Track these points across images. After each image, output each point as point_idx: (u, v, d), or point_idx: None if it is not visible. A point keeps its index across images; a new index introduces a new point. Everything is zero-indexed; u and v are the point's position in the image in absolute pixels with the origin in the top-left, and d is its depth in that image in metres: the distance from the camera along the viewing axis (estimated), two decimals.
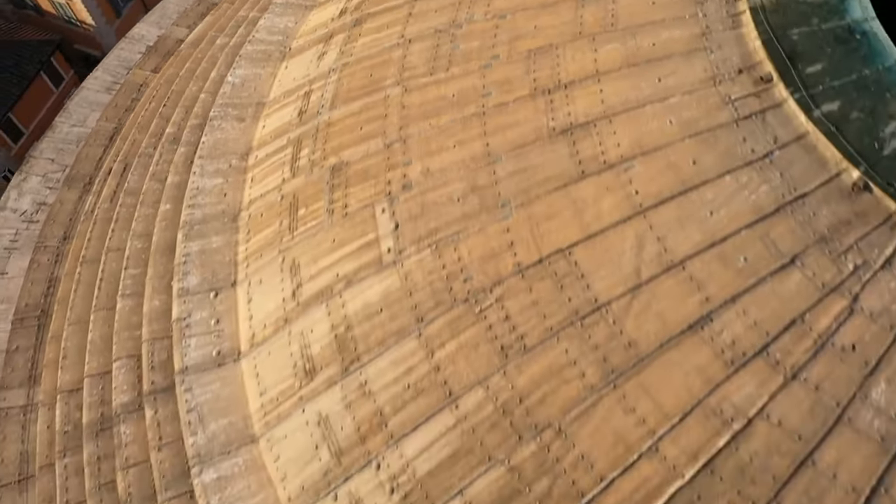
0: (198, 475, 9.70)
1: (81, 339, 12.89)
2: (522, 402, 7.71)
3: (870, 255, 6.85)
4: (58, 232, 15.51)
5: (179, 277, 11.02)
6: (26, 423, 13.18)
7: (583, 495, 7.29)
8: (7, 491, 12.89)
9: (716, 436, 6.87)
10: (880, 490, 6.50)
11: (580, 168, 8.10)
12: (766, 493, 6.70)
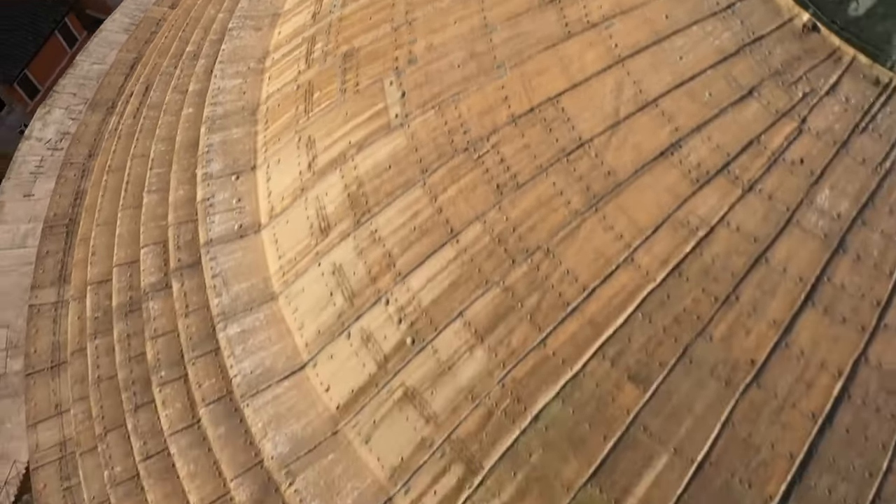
0: (223, 330, 10.74)
1: (109, 238, 13.92)
2: (515, 231, 8.75)
3: (816, 84, 7.89)
4: (83, 151, 16.55)
5: (203, 165, 12.05)
6: (57, 318, 14.25)
7: (568, 304, 8.34)
8: (41, 376, 13.95)
9: (683, 243, 7.92)
10: (823, 279, 7.55)
11: (567, 29, 9.13)
12: (726, 289, 7.75)
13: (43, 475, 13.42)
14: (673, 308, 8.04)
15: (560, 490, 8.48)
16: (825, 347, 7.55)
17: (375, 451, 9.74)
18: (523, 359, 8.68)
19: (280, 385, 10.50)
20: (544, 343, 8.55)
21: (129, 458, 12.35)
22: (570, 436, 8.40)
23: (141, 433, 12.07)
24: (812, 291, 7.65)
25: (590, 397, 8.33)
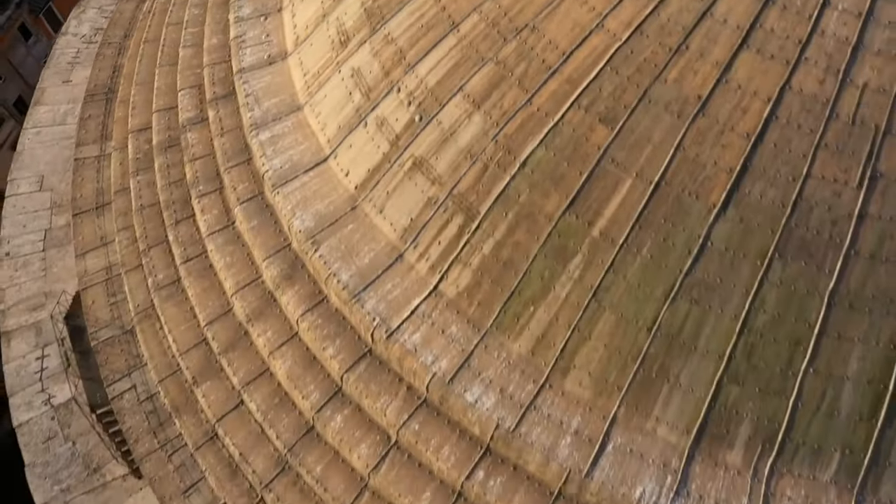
0: (255, 137, 12.53)
1: (147, 94, 15.67)
2: (506, 15, 10.50)
3: None
4: (119, 32, 18.26)
5: (234, 10, 13.79)
6: (100, 168, 16.01)
7: (550, 68, 10.10)
8: (86, 216, 15.73)
9: (644, 7, 9.65)
10: (756, 26, 9.27)
11: None
12: (678, 40, 9.50)
13: (91, 294, 15.18)
14: (635, 60, 9.77)
15: (543, 221, 10.23)
16: (757, 80, 9.29)
17: (388, 217, 11.49)
18: (513, 117, 10.42)
19: (306, 175, 12.25)
20: (530, 102, 10.28)
21: (170, 267, 14.11)
22: (551, 175, 10.14)
23: (181, 242, 13.82)
24: (747, 36, 9.38)
25: (568, 141, 10.07)
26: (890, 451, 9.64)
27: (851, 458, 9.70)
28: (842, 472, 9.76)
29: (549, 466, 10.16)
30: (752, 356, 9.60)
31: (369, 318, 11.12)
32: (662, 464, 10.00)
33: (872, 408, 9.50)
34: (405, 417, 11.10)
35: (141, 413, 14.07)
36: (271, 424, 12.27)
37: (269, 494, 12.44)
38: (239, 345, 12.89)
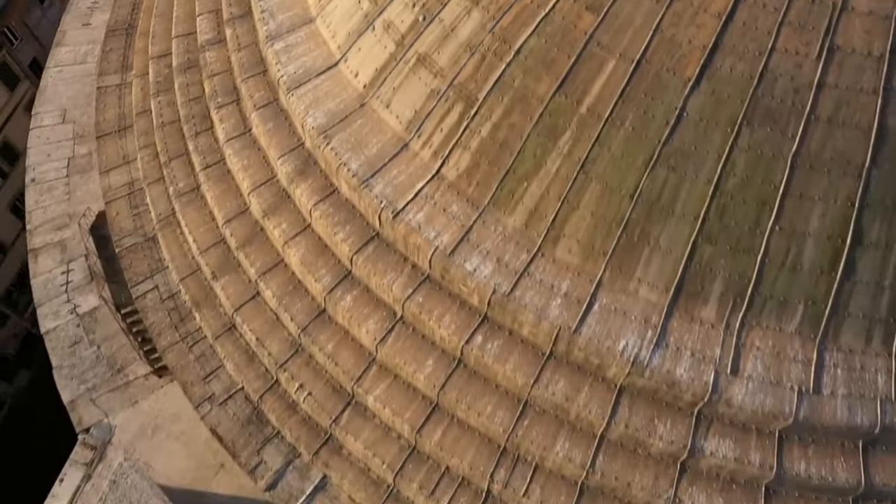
0: (270, 47, 13.58)
1: (166, 24, 16.71)
2: None
3: None
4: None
5: None
6: (121, 95, 17.09)
7: None
8: (109, 138, 16.82)
9: None
10: None
11: None
12: None
13: (115, 206, 16.23)
14: None
15: (535, 103, 11.28)
16: None
17: (394, 111, 12.54)
18: (508, 10, 11.48)
19: (318, 78, 13.29)
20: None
21: (190, 176, 15.16)
22: (543, 60, 11.18)
23: (201, 151, 14.87)
24: None
25: (557, 28, 11.12)
26: (849, 303, 10.69)
27: (814, 309, 10.74)
28: (805, 322, 10.81)
29: (540, 326, 11.20)
30: (723, 217, 10.64)
31: (377, 201, 12.15)
32: (643, 320, 11.05)
33: (832, 262, 10.54)
34: (410, 291, 12.15)
35: (163, 310, 15.11)
36: (286, 309, 13.31)
37: (283, 374, 13.50)
38: (255, 239, 13.94)
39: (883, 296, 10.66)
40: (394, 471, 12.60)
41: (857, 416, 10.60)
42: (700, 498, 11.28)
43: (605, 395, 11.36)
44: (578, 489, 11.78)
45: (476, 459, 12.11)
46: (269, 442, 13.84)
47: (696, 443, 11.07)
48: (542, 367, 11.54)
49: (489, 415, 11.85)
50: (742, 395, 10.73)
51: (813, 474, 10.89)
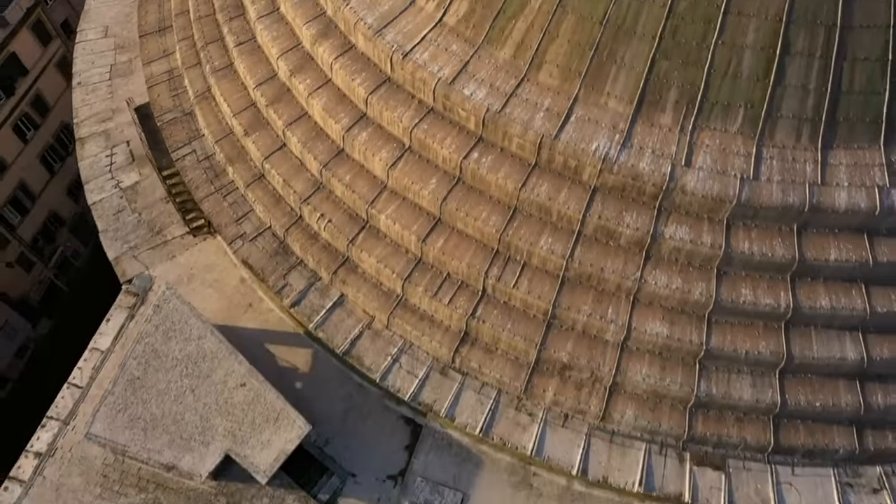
0: None
1: None
2: None
3: None
4: None
5: None
6: (161, 4, 19.23)
7: None
8: (150, 37, 19.23)
9: None
10: None
11: None
12: None
13: (157, 90, 18.53)
14: None
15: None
16: None
17: None
18: None
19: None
20: None
21: (224, 56, 17.50)
22: None
23: (234, 32, 17.22)
24: None
25: None
26: (781, 105, 12.89)
27: (752, 111, 12.94)
28: (746, 123, 13.00)
29: (526, 135, 13.39)
30: (676, 35, 12.87)
31: (389, 46, 14.42)
32: (612, 126, 13.24)
33: (765, 70, 12.76)
34: (416, 121, 14.36)
35: (200, 168, 17.30)
36: (309, 150, 15.52)
37: (306, 208, 15.65)
38: (283, 98, 16.19)
39: (809, 98, 12.85)
40: (402, 279, 14.68)
41: (789, 196, 12.73)
42: (662, 279, 13.35)
43: (581, 194, 13.50)
44: (560, 280, 13.85)
45: (473, 260, 14.21)
46: (293, 269, 15.93)
47: (658, 229, 13.18)
48: (528, 174, 13.70)
49: (484, 219, 13.98)
50: (694, 183, 12.87)
51: (755, 252, 12.98)
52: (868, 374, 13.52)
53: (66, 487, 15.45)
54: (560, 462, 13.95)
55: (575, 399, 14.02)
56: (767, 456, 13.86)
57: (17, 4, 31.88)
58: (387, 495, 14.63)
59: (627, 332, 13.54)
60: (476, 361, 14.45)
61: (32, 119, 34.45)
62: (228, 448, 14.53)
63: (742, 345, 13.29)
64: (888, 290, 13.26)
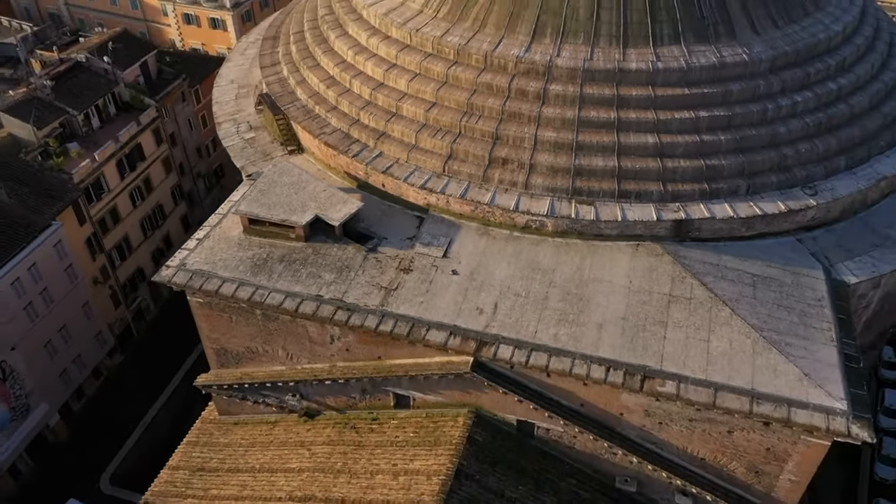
0: None
1: (298, 18, 34.28)
2: None
3: None
4: (281, 19, 37.35)
5: None
6: (274, 46, 33.95)
7: None
8: (267, 68, 33.34)
9: None
10: None
11: None
12: None
13: (272, 86, 31.96)
14: None
15: None
16: None
17: None
18: None
19: None
20: None
21: (313, 59, 31.31)
22: None
23: (318, 42, 31.22)
24: None
25: None
26: (600, 30, 26.30)
27: (585, 34, 26.32)
28: (584, 39, 26.28)
29: (479, 54, 26.60)
30: (548, 3, 26.67)
31: (407, 29, 28.22)
32: (520, 46, 26.52)
33: (590, 14, 26.34)
34: (422, 60, 27.63)
35: (298, 112, 30.06)
36: (365, 85, 28.53)
37: (362, 112, 28.16)
38: (348, 67, 29.59)
39: (612, 26, 26.35)
40: (415, 133, 26.75)
41: (609, 65, 25.53)
42: (549, 111, 25.55)
43: (507, 77, 26.24)
44: (499, 119, 25.98)
45: (454, 117, 26.51)
46: (353, 143, 27.92)
47: (546, 87, 25.72)
48: (480, 72, 26.58)
49: (457, 97, 26.59)
50: (560, 63, 25.75)
51: (595, 92, 25.39)
52: (664, 154, 25.11)
53: (216, 247, 25.71)
54: (502, 205, 24.85)
55: (511, 177, 25.38)
56: (617, 199, 24.78)
57: (147, 113, 46.86)
58: (406, 245, 25.12)
59: (535, 139, 25.35)
60: (456, 167, 25.95)
61: (142, 192, 47.59)
62: (317, 212, 25.38)
63: (596, 140, 25.09)
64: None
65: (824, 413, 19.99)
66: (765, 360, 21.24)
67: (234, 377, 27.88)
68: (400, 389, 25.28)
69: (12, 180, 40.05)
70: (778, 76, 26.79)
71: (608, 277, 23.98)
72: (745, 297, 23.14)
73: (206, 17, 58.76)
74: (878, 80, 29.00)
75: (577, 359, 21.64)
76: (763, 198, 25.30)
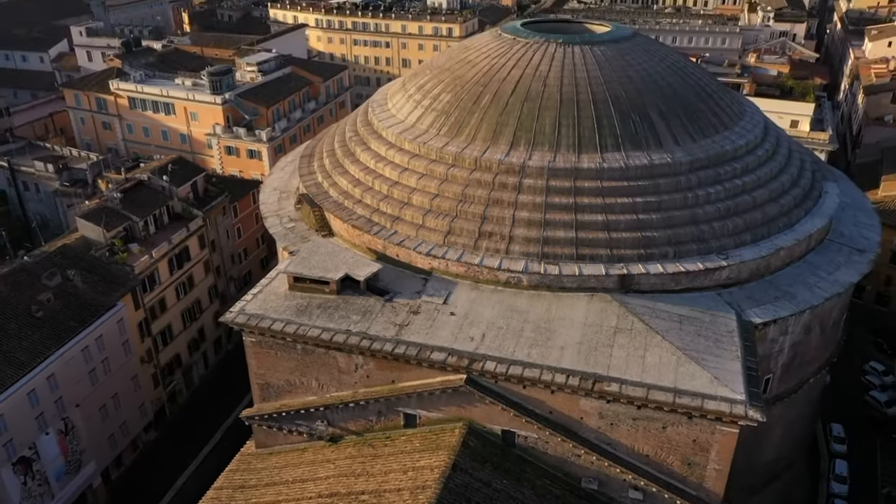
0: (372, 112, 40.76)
1: (329, 146, 44.05)
2: None
3: None
4: (307, 154, 47.01)
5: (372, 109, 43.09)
6: (310, 161, 43.39)
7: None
8: (305, 176, 42.62)
9: None
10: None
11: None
12: None
13: (308, 188, 40.68)
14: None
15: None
16: None
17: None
18: None
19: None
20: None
21: (342, 167, 40.25)
22: None
23: (347, 155, 40.23)
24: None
25: None
26: (560, 142, 35.16)
27: (550, 146, 35.11)
28: (548, 148, 35.05)
29: (470, 158, 35.32)
30: (521, 122, 35.73)
31: (415, 143, 37.22)
32: (501, 152, 35.25)
33: (553, 132, 35.31)
34: (428, 164, 36.35)
35: (331, 205, 38.40)
36: (383, 183, 37.05)
37: (382, 202, 36.44)
38: (371, 172, 38.31)
39: (571, 141, 35.19)
40: (422, 216, 34.81)
41: (568, 165, 34.02)
42: (523, 198, 33.73)
43: (491, 174, 34.72)
44: (486, 203, 34.11)
45: (451, 205, 34.67)
46: (373, 226, 35.87)
47: (521, 182, 34.07)
48: (472, 171, 35.08)
49: (454, 190, 34.93)
50: (532, 164, 34.29)
51: (557, 186, 33.73)
52: (610, 228, 32.96)
53: (268, 299, 32.86)
54: (488, 266, 32.27)
55: (495, 246, 33.08)
56: (575, 260, 32.27)
57: (195, 222, 55.45)
58: (415, 296, 32.37)
59: (513, 218, 33.30)
60: (453, 239, 33.68)
61: (185, 287, 55.12)
62: (346, 271, 32.81)
63: (559, 218, 33.00)
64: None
65: (728, 402, 26.47)
66: (685, 369, 27.93)
67: (274, 408, 34.01)
68: (409, 409, 31.42)
69: (85, 270, 47.77)
70: (696, 174, 35.49)
71: (569, 316, 31.09)
72: (673, 329, 30.11)
73: (244, 149, 69.42)
74: (776, 181, 37.77)
75: (545, 370, 28.31)
76: (686, 261, 33.00)
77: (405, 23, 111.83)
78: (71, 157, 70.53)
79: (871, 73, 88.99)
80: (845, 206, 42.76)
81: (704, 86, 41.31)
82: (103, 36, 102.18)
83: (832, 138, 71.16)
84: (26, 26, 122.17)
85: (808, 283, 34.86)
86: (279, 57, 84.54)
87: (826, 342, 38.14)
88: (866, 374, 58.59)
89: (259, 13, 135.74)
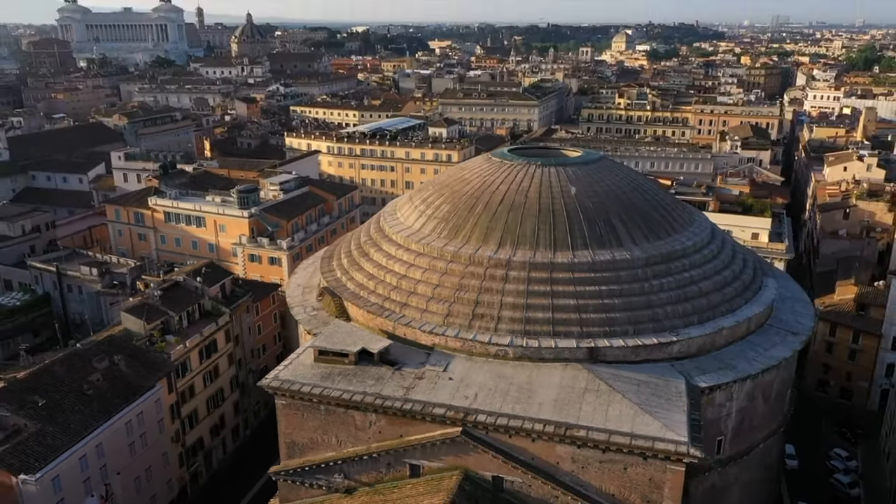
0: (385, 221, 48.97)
1: (346, 246, 52.12)
2: None
3: None
4: (327, 256, 54.83)
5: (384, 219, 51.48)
6: (330, 262, 51.19)
7: None
8: (326, 273, 50.35)
9: None
10: None
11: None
12: None
13: (328, 282, 47.92)
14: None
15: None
16: None
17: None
18: None
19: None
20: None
21: (358, 264, 47.70)
22: None
23: (363, 256, 47.80)
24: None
25: None
26: (539, 243, 42.73)
27: (531, 245, 42.71)
28: (529, 247, 42.61)
29: (465, 255, 42.81)
30: (508, 227, 43.50)
31: (421, 244, 44.85)
32: (492, 250, 42.76)
33: (533, 234, 42.99)
34: (431, 261, 43.78)
35: (348, 294, 45.38)
36: (393, 276, 44.29)
37: (392, 291, 43.49)
38: (382, 269, 45.62)
39: (550, 241, 42.79)
40: (426, 302, 41.71)
41: (546, 260, 41.32)
42: (510, 287, 40.76)
43: (482, 269, 41.97)
44: (478, 292, 41.14)
45: (450, 293, 41.63)
46: (385, 311, 42.59)
47: (507, 273, 41.28)
48: (466, 266, 42.38)
49: (452, 282, 42.09)
50: (516, 260, 41.64)
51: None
52: (580, 310, 39.76)
53: (297, 369, 39.07)
54: (480, 341, 38.71)
55: (486, 325, 39.75)
56: (552, 336, 38.77)
57: (222, 318, 62.11)
58: (419, 366, 38.66)
59: (501, 303, 40.15)
60: (451, 321, 40.39)
61: (212, 376, 60.94)
62: (362, 346, 39.27)
63: (538, 302, 39.85)
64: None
65: (674, 443, 32.30)
66: (641, 419, 33.95)
67: (298, 463, 39.29)
68: (414, 460, 36.89)
69: (128, 356, 54.04)
70: (651, 268, 42.89)
71: (546, 381, 37.39)
72: (632, 390, 36.30)
73: (266, 256, 77.39)
74: (719, 275, 45.15)
75: (526, 420, 34.27)
76: (643, 336, 39.69)
77: (409, 150, 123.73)
78: (111, 262, 78.39)
79: (826, 193, 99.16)
80: (786, 299, 50.12)
81: (660, 199, 49.73)
82: (139, 160, 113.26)
83: (789, 248, 79.63)
84: (66, 152, 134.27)
85: (747, 357, 41.44)
86: (299, 178, 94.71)
87: (772, 411, 44.08)
88: (831, 460, 63.54)
89: (275, 141, 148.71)
